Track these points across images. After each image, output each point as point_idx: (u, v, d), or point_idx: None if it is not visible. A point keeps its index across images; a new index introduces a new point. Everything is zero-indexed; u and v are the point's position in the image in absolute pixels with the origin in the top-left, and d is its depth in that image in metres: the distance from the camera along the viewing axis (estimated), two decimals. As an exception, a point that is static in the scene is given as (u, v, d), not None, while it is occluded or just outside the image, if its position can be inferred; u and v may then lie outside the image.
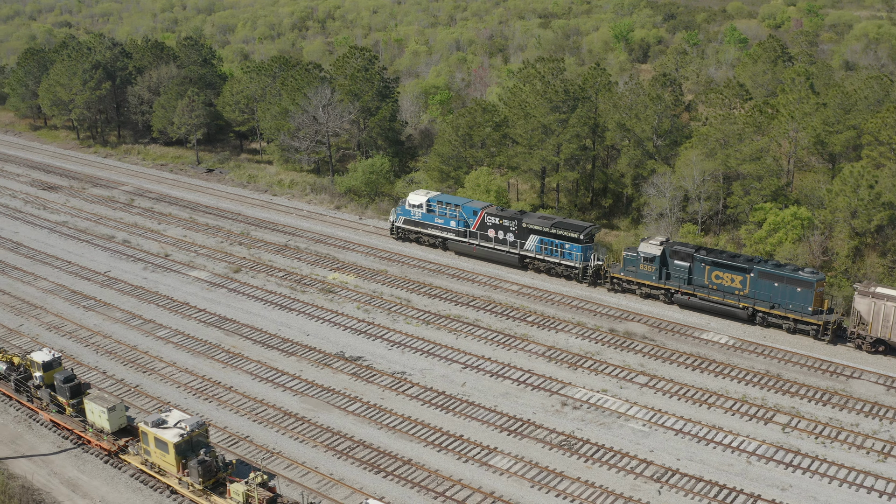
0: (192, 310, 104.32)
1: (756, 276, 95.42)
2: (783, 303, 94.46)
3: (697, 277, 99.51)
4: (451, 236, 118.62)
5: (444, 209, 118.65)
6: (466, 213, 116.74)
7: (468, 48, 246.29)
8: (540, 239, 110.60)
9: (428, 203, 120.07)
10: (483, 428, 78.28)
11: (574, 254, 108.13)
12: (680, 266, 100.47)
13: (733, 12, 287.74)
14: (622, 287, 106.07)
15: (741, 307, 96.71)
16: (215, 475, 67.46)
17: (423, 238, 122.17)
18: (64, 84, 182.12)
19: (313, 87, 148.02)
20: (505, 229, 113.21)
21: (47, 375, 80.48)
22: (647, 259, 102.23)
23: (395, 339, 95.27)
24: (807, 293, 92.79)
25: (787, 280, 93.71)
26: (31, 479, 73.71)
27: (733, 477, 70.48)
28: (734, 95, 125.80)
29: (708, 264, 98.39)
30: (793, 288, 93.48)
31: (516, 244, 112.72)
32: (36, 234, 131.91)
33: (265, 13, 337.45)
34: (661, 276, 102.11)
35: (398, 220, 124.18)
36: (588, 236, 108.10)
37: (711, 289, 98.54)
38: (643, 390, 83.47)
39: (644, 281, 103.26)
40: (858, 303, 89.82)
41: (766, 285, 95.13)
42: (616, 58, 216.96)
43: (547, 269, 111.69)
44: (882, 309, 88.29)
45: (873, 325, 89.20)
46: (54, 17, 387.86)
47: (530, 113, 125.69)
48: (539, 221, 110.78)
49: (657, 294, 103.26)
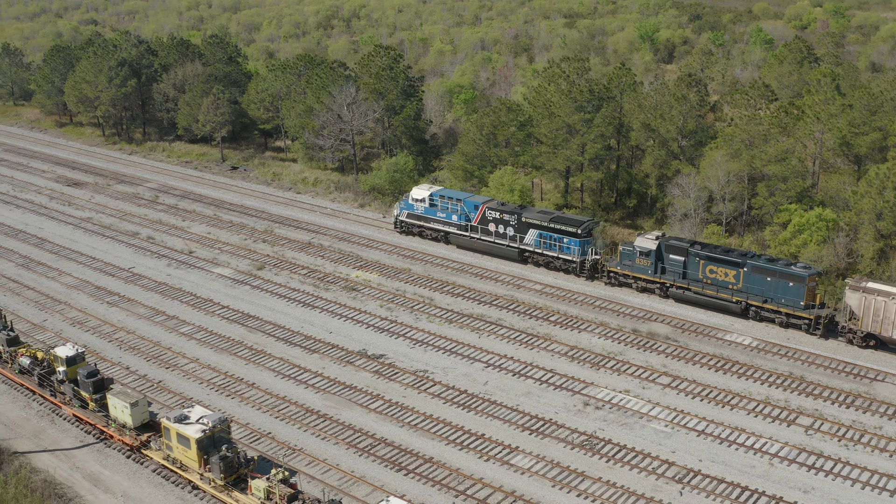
0: (215, 306, 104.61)
1: (749, 271, 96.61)
2: (776, 297, 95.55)
3: (692, 272, 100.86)
4: (453, 230, 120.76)
5: (447, 204, 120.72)
6: (468, 208, 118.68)
7: (493, 48, 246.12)
8: (539, 233, 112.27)
9: (430, 198, 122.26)
10: (505, 427, 78.21)
11: (572, 248, 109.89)
12: (675, 260, 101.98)
13: (759, 13, 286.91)
14: (619, 281, 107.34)
15: (734, 301, 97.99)
16: (237, 471, 67.60)
17: (426, 232, 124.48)
18: (90, 81, 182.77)
19: (338, 86, 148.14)
20: (505, 224, 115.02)
21: (70, 370, 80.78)
22: (642, 253, 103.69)
23: (418, 337, 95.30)
24: (799, 288, 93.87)
25: (779, 275, 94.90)
26: (53, 473, 74.03)
27: (755, 479, 70.21)
28: (759, 96, 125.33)
29: (702, 259, 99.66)
30: (785, 282, 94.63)
31: (516, 238, 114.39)
32: (61, 230, 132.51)
33: (290, 12, 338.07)
34: (656, 270, 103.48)
35: (401, 215, 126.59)
36: (586, 231, 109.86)
37: (706, 283, 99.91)
38: (666, 391, 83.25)
39: (640, 275, 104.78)
40: (849, 297, 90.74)
41: (759, 280, 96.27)
42: (641, 58, 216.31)
43: (546, 262, 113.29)
44: (872, 304, 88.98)
45: (864, 320, 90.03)
46: (80, 15, 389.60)
47: (555, 112, 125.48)
48: (538, 216, 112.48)
49: (653, 288, 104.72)
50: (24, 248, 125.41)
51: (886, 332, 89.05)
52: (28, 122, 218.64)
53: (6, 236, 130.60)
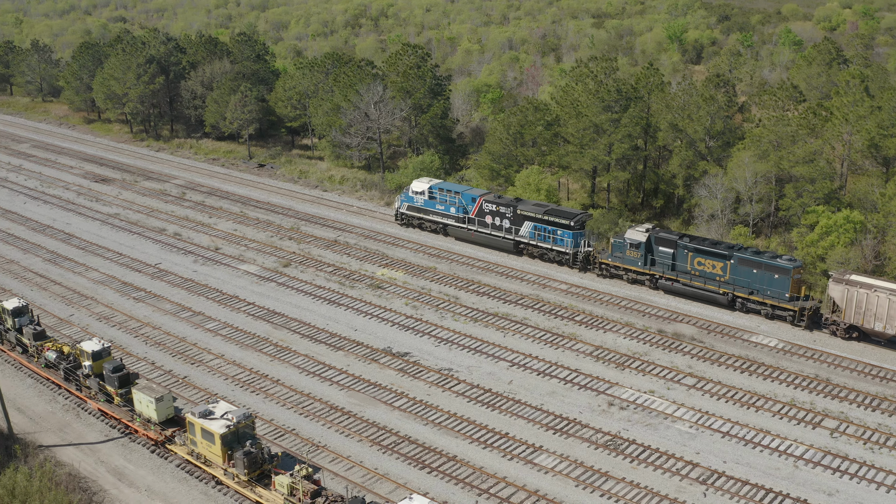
0: (241, 303, 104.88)
1: (736, 263, 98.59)
2: (761, 289, 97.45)
3: (681, 264, 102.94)
4: (451, 222, 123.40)
5: (445, 196, 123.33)
6: (465, 200, 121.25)
7: (521, 47, 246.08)
8: (534, 225, 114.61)
9: (430, 190, 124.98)
10: (529, 426, 78.10)
11: (565, 240, 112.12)
12: (664, 252, 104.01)
13: (788, 14, 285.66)
14: (610, 273, 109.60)
15: (721, 293, 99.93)
16: (260, 467, 67.75)
17: (426, 224, 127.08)
18: (118, 78, 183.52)
19: (365, 84, 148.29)
20: (501, 216, 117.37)
21: (96, 365, 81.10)
22: (632, 245, 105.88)
23: (443, 335, 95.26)
24: (784, 280, 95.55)
25: (765, 267, 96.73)
26: (78, 466, 74.36)
27: (780, 481, 69.89)
28: (788, 97, 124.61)
29: (690, 251, 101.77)
30: (771, 274, 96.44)
31: (511, 230, 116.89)
32: (88, 226, 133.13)
33: (318, 10, 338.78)
34: (646, 261, 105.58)
35: (402, 207, 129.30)
36: (579, 223, 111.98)
37: (694, 275, 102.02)
38: (691, 392, 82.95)
39: (630, 266, 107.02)
40: (832, 289, 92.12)
41: (745, 272, 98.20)
42: (669, 58, 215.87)
43: (540, 254, 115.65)
44: (854, 296, 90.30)
45: (846, 312, 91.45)
46: (109, 12, 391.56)
47: (582, 112, 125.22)
48: (533, 209, 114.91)
49: (643, 280, 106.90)
50: (52, 243, 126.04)
51: (868, 324, 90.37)
52: (56, 119, 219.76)
53: (34, 231, 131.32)
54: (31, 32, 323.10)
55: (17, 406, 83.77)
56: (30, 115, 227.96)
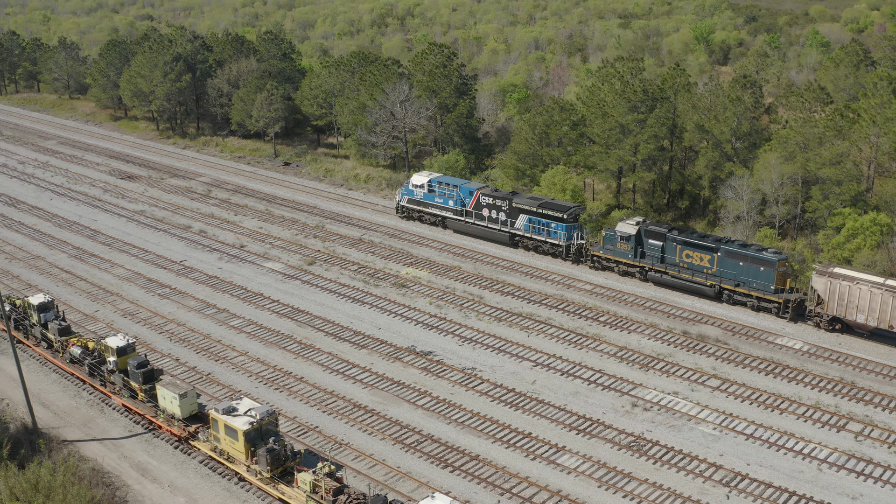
0: (265, 300, 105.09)
1: (723, 256, 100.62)
2: (747, 281, 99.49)
3: (670, 256, 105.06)
4: (450, 215, 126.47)
5: (444, 189, 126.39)
6: (463, 194, 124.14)
7: (547, 47, 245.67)
8: (528, 218, 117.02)
9: (429, 183, 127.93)
10: (552, 426, 77.97)
11: (559, 232, 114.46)
12: (654, 245, 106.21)
13: (816, 16, 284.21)
14: (602, 265, 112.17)
15: (708, 285, 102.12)
16: (283, 464, 67.84)
17: (425, 217, 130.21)
18: (145, 75, 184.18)
19: (391, 83, 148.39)
20: (497, 209, 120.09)
21: (121, 360, 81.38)
22: (623, 238, 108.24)
23: (467, 335, 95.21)
24: (769, 272, 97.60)
25: (751, 259, 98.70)
26: (101, 461, 74.64)
27: (803, 484, 69.54)
28: (815, 99, 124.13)
29: (679, 244, 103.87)
30: (756, 267, 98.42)
31: (507, 223, 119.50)
32: (114, 223, 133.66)
33: (345, 9, 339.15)
34: (636, 254, 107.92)
35: (402, 200, 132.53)
36: (572, 216, 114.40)
37: (682, 267, 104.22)
38: (715, 393, 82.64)
39: (621, 259, 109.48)
40: (816, 282, 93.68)
41: (731, 264, 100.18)
42: (696, 59, 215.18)
43: (535, 246, 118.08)
44: (837, 288, 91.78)
45: (829, 304, 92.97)
46: (136, 10, 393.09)
47: (608, 112, 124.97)
48: (528, 202, 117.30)
49: (633, 272, 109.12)
50: (78, 239, 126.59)
51: (850, 316, 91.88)
52: (83, 116, 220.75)
53: (60, 228, 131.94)
54: (58, 30, 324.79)
55: (42, 401, 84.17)
56: (57, 112, 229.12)
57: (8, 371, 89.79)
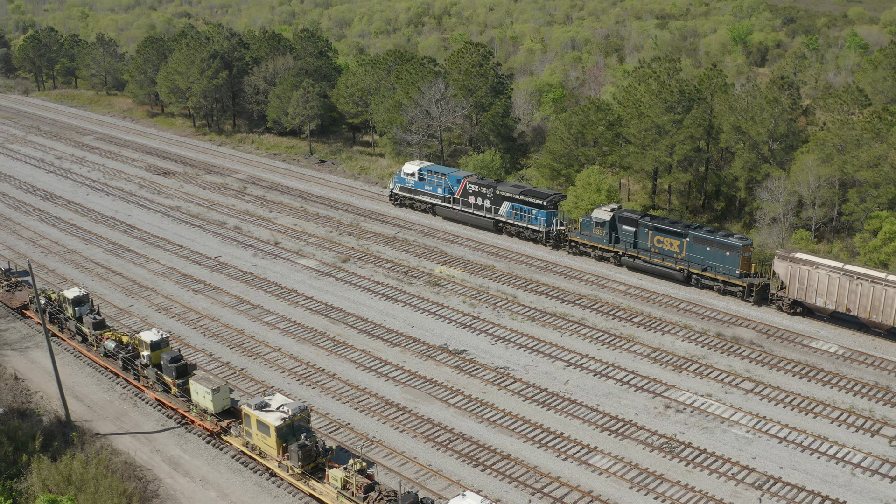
0: (299, 297, 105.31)
1: (691, 241, 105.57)
2: (714, 266, 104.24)
3: (642, 241, 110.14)
4: (438, 202, 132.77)
5: (433, 178, 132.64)
6: (451, 182, 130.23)
7: (583, 47, 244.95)
8: (511, 205, 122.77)
9: (420, 172, 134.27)
10: (584, 426, 77.73)
11: (539, 219, 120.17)
12: (627, 231, 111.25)
13: (854, 17, 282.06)
14: (579, 250, 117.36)
15: (678, 269, 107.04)
16: (315, 460, 67.96)
17: (416, 203, 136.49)
18: (182, 72, 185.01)
19: (427, 82, 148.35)
20: (483, 196, 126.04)
21: (154, 355, 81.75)
22: (598, 224, 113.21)
23: (500, 334, 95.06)
24: (735, 257, 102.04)
25: (717, 245, 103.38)
26: (133, 455, 74.98)
27: (836, 488, 69.00)
28: (853, 101, 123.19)
29: (651, 229, 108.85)
30: (722, 252, 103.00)
31: (492, 210, 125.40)
32: (149, 218, 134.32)
33: (382, 8, 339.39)
34: (610, 239, 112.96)
35: (395, 188, 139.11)
36: (551, 203, 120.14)
37: (654, 252, 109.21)
38: (748, 396, 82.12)
39: (596, 244, 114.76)
40: (777, 266, 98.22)
41: (699, 249, 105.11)
42: (733, 61, 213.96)
43: (517, 232, 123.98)
44: (798, 272, 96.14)
45: (790, 288, 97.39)
46: (174, 8, 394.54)
47: (644, 112, 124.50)
48: (511, 189, 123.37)
49: (608, 256, 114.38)
50: (114, 234, 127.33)
51: (810, 300, 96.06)
52: (120, 112, 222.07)
53: (96, 223, 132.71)
54: (96, 26, 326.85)
55: (76, 394, 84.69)
56: (94, 108, 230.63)
57: (42, 364, 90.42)
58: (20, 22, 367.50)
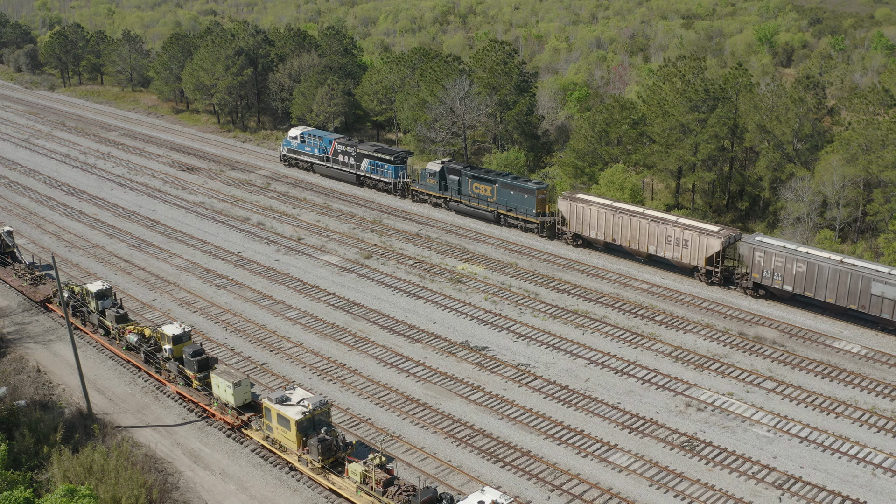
0: (321, 293, 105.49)
1: (499, 187, 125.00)
2: (516, 207, 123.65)
3: (465, 188, 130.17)
4: (316, 161, 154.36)
5: (312, 140, 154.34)
6: (325, 144, 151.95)
7: (609, 46, 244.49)
8: (370, 162, 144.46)
9: (301, 136, 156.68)
10: (604, 424, 77.63)
11: (389, 172, 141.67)
12: (453, 179, 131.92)
13: (881, 18, 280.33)
14: (419, 197, 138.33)
15: (490, 211, 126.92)
16: (335, 454, 68.08)
17: (300, 163, 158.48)
18: (207, 69, 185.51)
19: (452, 79, 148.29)
20: (349, 155, 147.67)
21: (176, 349, 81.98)
22: (431, 174, 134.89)
23: (521, 331, 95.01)
24: (531, 199, 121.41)
25: (518, 189, 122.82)
26: (154, 448, 75.29)
27: (857, 489, 68.71)
28: (879, 101, 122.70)
29: (470, 178, 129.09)
30: (522, 195, 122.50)
31: (356, 167, 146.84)
32: (173, 213, 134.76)
33: (407, 6, 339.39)
34: (440, 187, 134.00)
35: (284, 150, 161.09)
36: (398, 159, 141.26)
37: (473, 197, 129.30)
38: (770, 395, 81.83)
39: (430, 192, 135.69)
40: (560, 205, 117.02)
41: (505, 193, 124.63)
42: (759, 61, 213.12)
43: (373, 184, 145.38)
44: (576, 209, 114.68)
45: (571, 223, 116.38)
46: (200, 5, 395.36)
47: (669, 111, 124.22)
48: (368, 148, 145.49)
49: (440, 202, 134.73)
50: (137, 229, 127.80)
51: (587, 233, 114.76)
52: (145, 108, 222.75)
53: (120, 217, 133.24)
54: (122, 23, 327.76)
55: (98, 387, 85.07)
56: (119, 104, 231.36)
57: (65, 357, 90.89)
58: (46, 18, 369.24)
